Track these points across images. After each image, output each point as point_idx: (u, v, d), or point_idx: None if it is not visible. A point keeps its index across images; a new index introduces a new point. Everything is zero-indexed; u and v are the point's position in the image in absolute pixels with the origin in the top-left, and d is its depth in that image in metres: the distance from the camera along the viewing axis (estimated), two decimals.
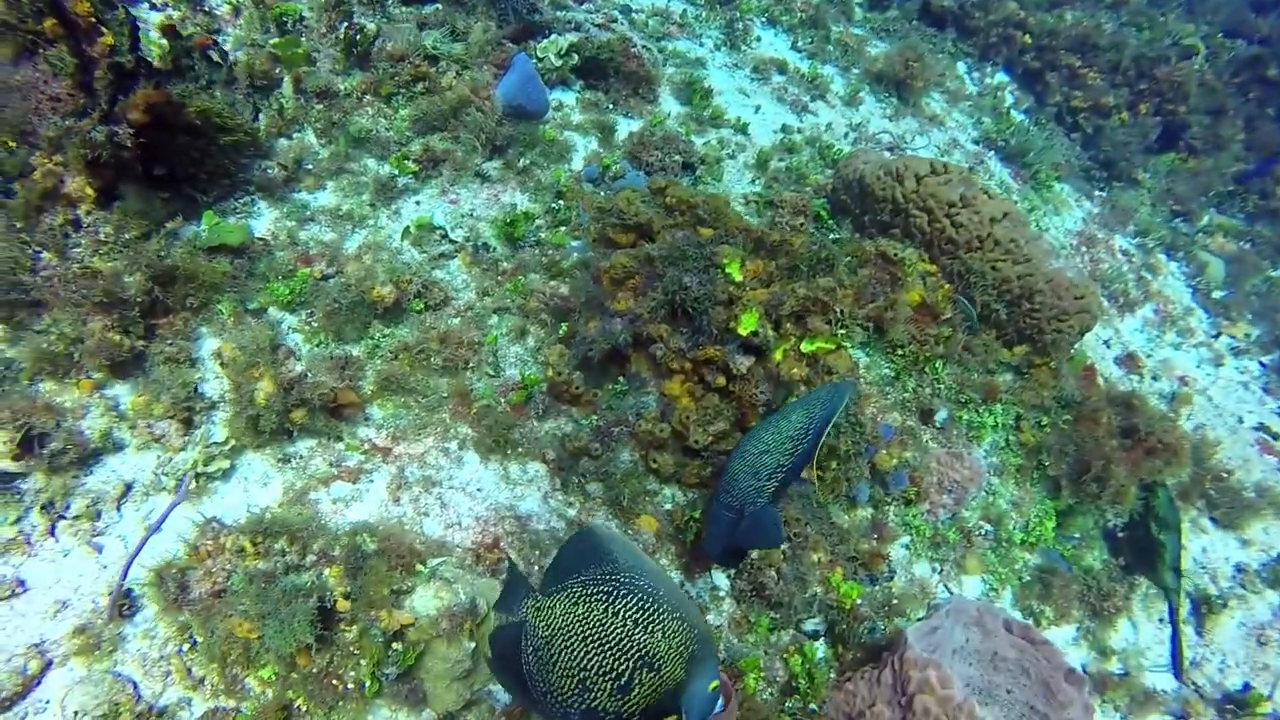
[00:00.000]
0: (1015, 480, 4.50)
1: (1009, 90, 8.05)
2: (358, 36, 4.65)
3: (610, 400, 3.65)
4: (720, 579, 3.49)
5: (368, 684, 2.59)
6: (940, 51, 7.73)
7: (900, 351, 4.28)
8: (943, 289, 4.42)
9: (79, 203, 3.44)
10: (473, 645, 2.68)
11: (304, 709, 2.62)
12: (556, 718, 1.94)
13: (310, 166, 4.35)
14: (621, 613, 1.92)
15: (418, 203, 4.41)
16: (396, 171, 4.41)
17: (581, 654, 1.91)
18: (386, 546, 2.81)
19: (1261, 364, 6.79)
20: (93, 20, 3.30)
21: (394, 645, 2.62)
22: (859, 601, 3.53)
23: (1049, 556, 4.41)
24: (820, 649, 3.48)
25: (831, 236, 4.87)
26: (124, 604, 2.73)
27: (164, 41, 3.55)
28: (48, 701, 2.55)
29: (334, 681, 2.59)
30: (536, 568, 3.18)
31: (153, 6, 5.04)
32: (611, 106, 5.25)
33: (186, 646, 2.66)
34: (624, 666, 1.89)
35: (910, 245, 4.38)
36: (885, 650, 3.27)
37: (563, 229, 4.35)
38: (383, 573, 2.69)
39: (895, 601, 3.74)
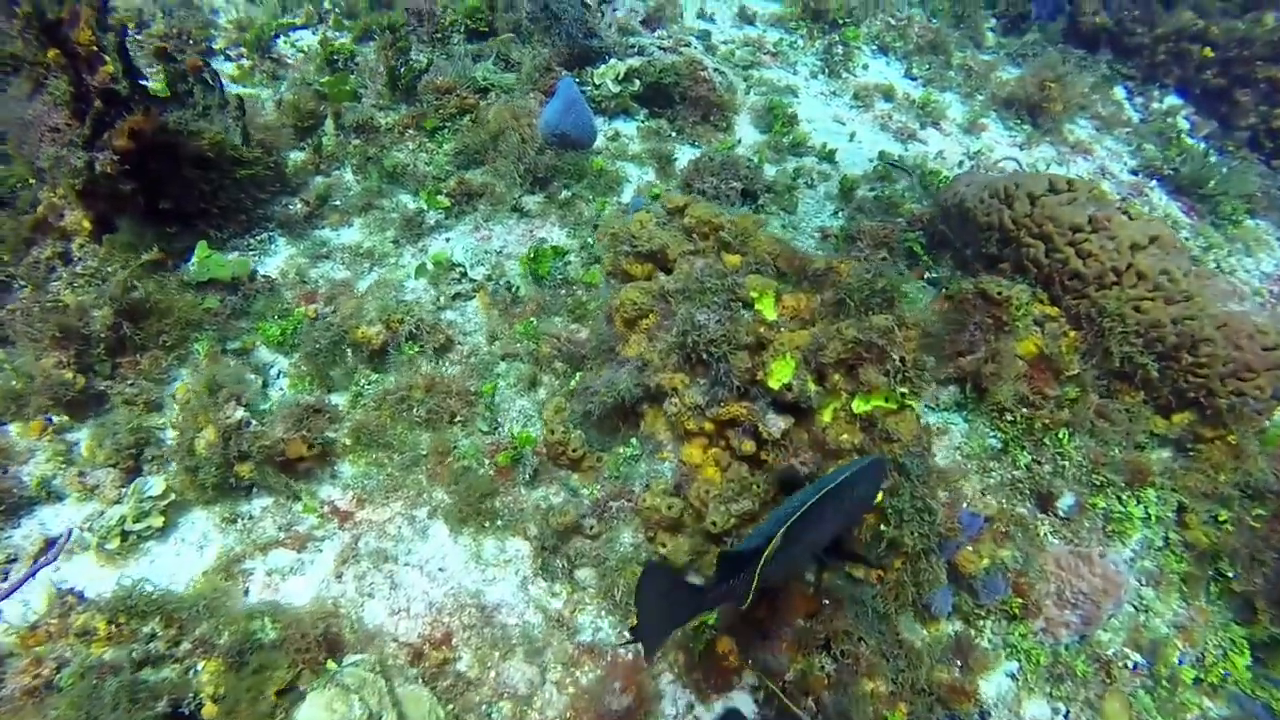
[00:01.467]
0: (1181, 594, 3.36)
1: (1183, 115, 6.78)
2: (402, 70, 4.42)
3: (617, 467, 2.99)
4: (745, 704, 2.68)
5: None
6: (1091, 74, 6.63)
7: (1009, 417, 3.34)
8: (1067, 338, 3.45)
9: (74, 235, 3.31)
10: None
11: None
12: None
13: (339, 202, 4.10)
14: None
15: (447, 240, 4.03)
16: (426, 206, 4.07)
17: None
18: (290, 636, 2.28)
19: None
20: (94, 49, 3.18)
21: None
22: None
23: (1243, 706, 3.22)
24: None
25: (928, 275, 4.01)
26: None
27: (160, 66, 3.39)
28: None
29: None
30: (493, 673, 2.54)
31: (227, 58, 5.13)
32: (675, 134, 4.71)
33: None
34: None
35: (1022, 282, 3.46)
36: None
37: (596, 266, 3.80)
38: (276, 671, 2.15)
39: None
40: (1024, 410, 3.36)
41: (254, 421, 2.79)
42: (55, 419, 2.88)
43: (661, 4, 5.18)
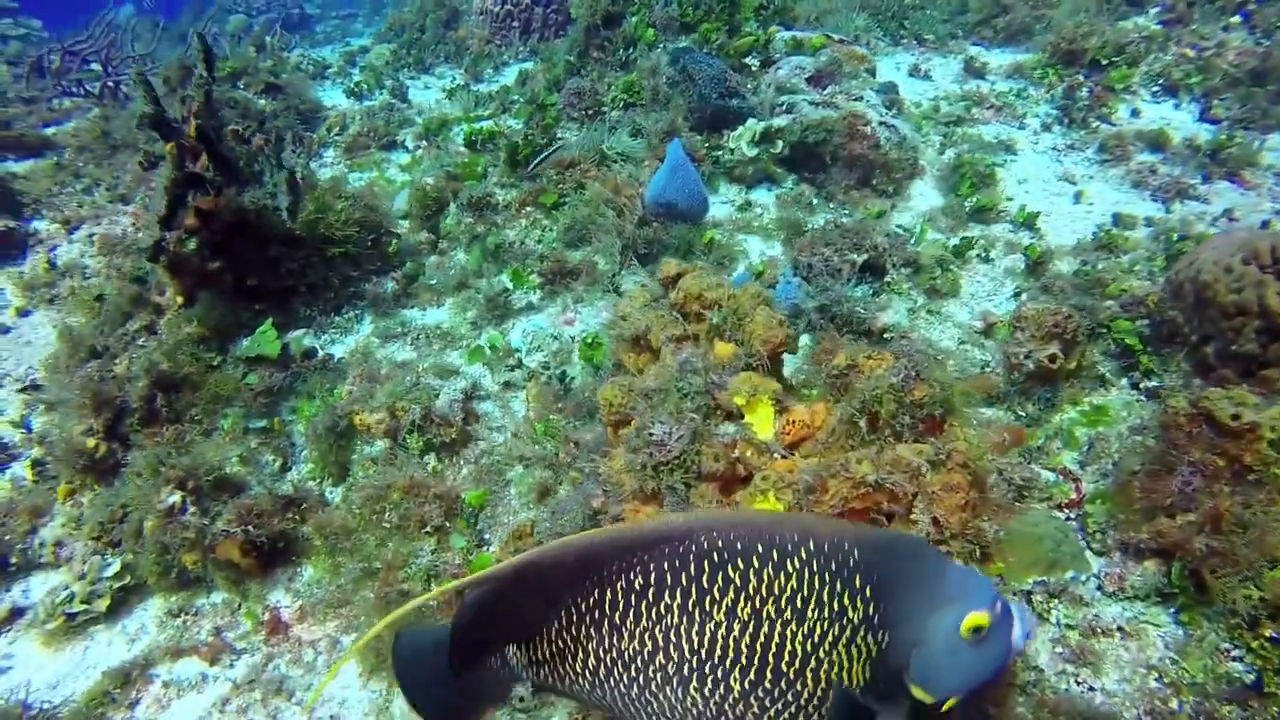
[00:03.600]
0: None
1: None
2: (519, 144, 4.22)
3: None
4: None
5: None
6: None
7: (1266, 632, 1.94)
8: None
9: (166, 310, 3.49)
10: None
11: None
12: None
13: (434, 281, 3.93)
14: None
15: (538, 323, 3.63)
16: (511, 286, 3.73)
17: None
18: None
19: None
20: (195, 141, 3.37)
21: None
22: None
23: None
24: None
25: (1149, 384, 2.64)
26: None
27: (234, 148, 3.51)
28: None
29: None
30: None
31: (405, 149, 5.43)
32: (820, 201, 3.86)
33: None
34: None
35: None
36: None
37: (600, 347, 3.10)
38: None
39: None
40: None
41: (190, 509, 2.54)
42: (73, 484, 2.93)
43: (836, 59, 4.41)
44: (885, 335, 2.79)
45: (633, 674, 1.39)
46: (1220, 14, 5.27)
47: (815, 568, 1.31)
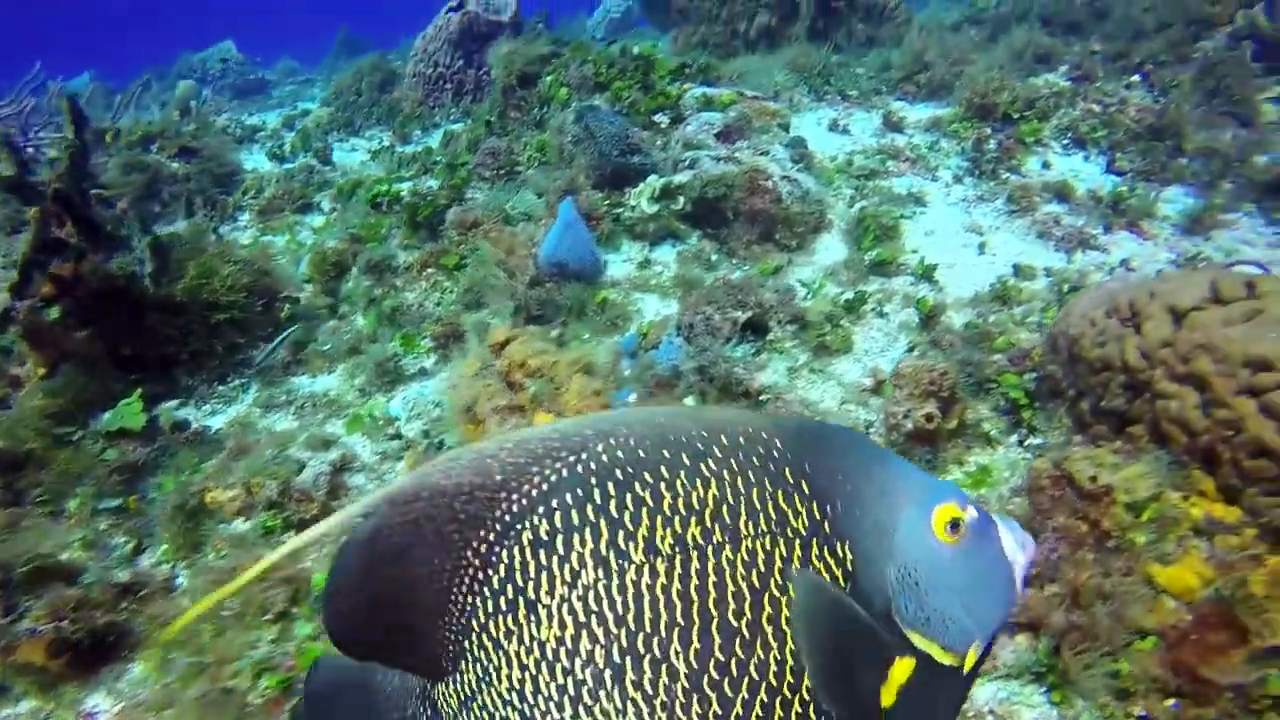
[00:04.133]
0: None
1: None
2: (420, 204, 4.14)
3: None
4: None
5: None
6: None
7: (1125, 713, 1.79)
8: (1265, 568, 1.82)
9: (25, 382, 3.31)
10: None
11: None
12: None
13: (327, 347, 3.79)
14: None
15: (422, 389, 3.48)
16: (402, 351, 3.59)
17: None
18: None
19: None
20: (54, 206, 3.24)
21: None
22: None
23: None
24: None
25: (1032, 442, 2.53)
26: None
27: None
28: None
29: None
30: None
31: (320, 211, 5.34)
32: (718, 258, 3.79)
33: None
34: None
35: (1159, 460, 1.95)
36: None
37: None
38: None
39: None
40: (1167, 705, 1.78)
41: None
42: None
43: (746, 114, 4.41)
44: (761, 397, 2.67)
45: (560, 683, 0.98)
46: (1122, 72, 5.38)
47: (735, 465, 1.00)
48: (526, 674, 0.99)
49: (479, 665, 1.02)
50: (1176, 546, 1.90)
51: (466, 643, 1.02)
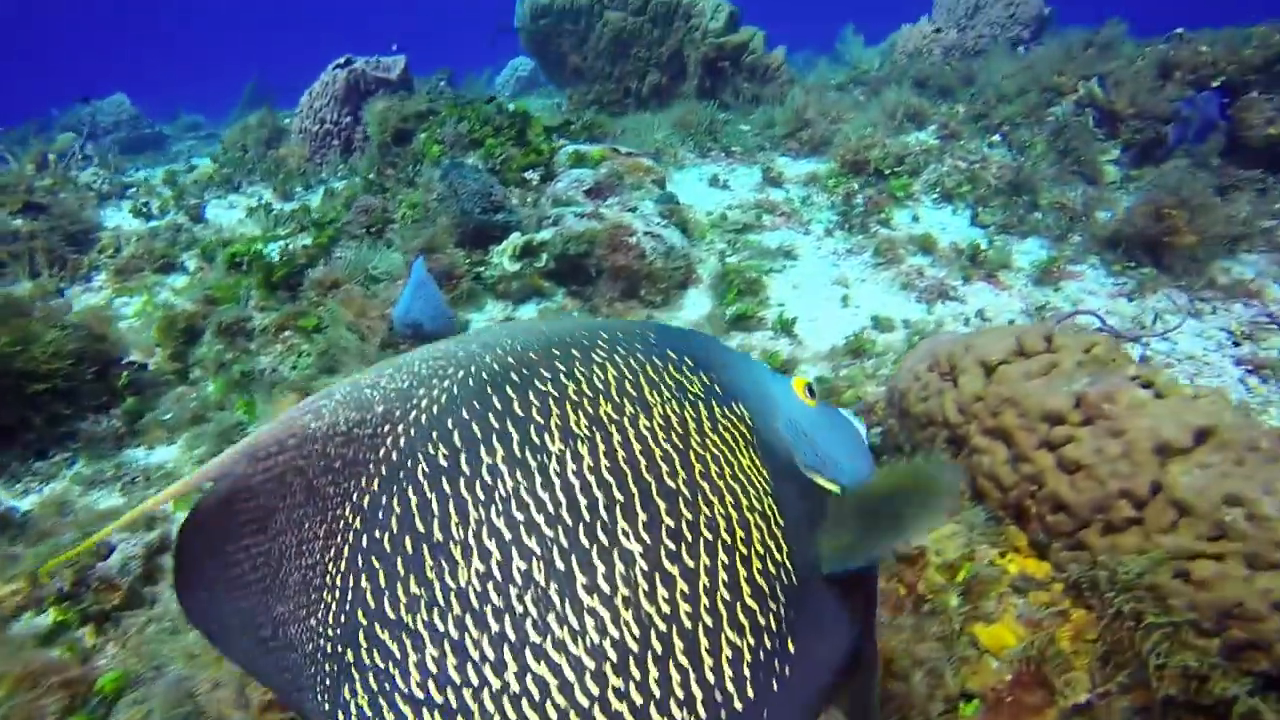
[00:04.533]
0: None
1: None
2: (276, 264, 3.96)
3: None
4: None
5: None
6: (1251, 196, 4.77)
7: None
8: (1070, 622, 1.79)
9: None
10: None
11: None
12: None
13: (169, 416, 3.53)
14: None
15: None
16: (245, 419, 3.38)
17: None
18: None
19: None
20: None
21: None
22: None
23: None
24: None
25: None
26: None
27: None
28: None
29: None
30: None
31: (185, 270, 5.07)
32: (580, 315, 3.73)
33: None
34: None
35: (975, 517, 1.93)
36: None
37: None
38: None
39: None
40: None
41: None
42: None
43: (618, 171, 4.42)
44: None
45: (497, 630, 0.82)
46: (985, 132, 5.67)
47: (624, 350, 1.04)
48: (446, 643, 0.83)
49: (371, 674, 0.85)
50: (997, 604, 1.87)
51: (350, 653, 0.87)
